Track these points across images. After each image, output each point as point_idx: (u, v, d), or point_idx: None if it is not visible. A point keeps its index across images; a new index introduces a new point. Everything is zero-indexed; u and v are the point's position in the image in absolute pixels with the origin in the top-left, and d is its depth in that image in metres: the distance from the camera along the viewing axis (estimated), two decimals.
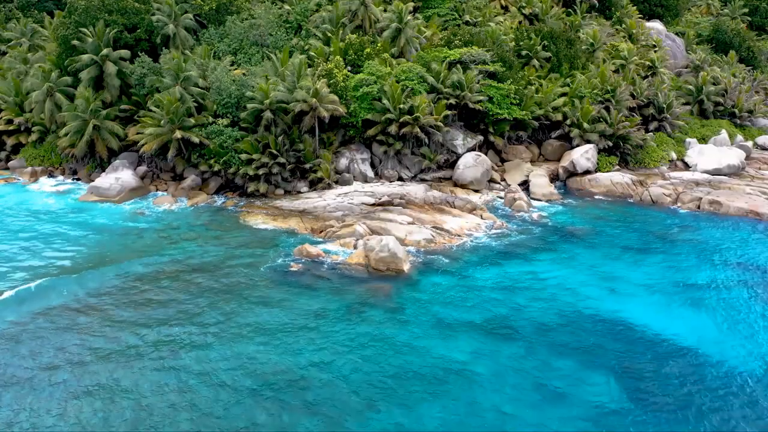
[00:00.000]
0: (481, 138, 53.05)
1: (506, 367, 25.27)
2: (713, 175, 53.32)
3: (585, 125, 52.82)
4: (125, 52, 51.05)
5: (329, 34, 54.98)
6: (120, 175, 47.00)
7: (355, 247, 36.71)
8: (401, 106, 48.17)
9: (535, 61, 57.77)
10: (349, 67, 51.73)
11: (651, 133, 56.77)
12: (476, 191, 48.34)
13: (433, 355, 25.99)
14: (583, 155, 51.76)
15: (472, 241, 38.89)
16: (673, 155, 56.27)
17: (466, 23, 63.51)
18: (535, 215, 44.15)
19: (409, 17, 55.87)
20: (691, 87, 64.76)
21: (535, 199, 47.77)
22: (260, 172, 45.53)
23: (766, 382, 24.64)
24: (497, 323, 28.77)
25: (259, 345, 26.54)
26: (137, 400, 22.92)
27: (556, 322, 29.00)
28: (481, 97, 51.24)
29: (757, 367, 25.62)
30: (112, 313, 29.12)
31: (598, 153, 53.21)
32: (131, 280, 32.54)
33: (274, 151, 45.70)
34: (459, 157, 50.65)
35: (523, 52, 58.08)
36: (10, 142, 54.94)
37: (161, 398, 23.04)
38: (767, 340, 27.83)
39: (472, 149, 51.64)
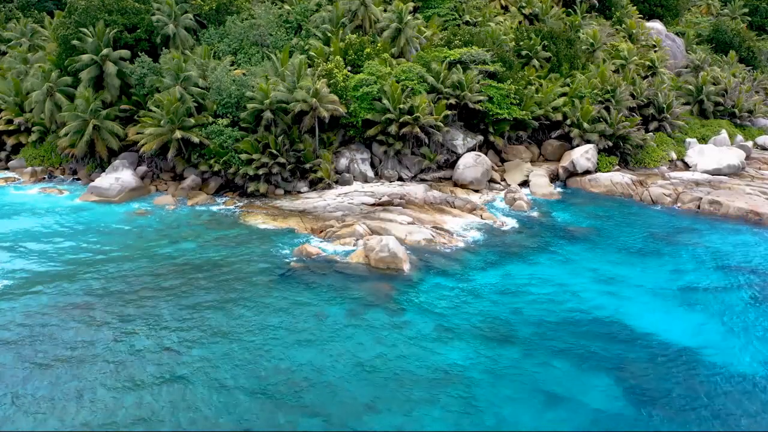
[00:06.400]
0: (481, 138, 53.08)
1: (506, 369, 25.24)
2: (713, 175, 53.34)
3: (585, 125, 52.84)
4: (125, 52, 51.04)
5: (329, 34, 54.99)
6: (120, 175, 46.98)
7: (355, 247, 36.74)
8: (401, 106, 48.18)
9: (535, 61, 57.81)
10: (349, 67, 51.74)
11: (651, 133, 56.81)
12: (476, 191, 48.36)
13: (433, 356, 25.96)
14: (583, 155, 51.78)
15: (472, 241, 38.89)
16: (673, 155, 56.29)
17: (466, 23, 63.57)
18: (535, 215, 44.18)
19: (409, 17, 55.89)
20: (691, 87, 64.78)
21: (535, 199, 47.80)
22: (260, 172, 45.54)
23: (765, 384, 24.62)
24: (497, 324, 28.75)
25: (258, 345, 26.53)
26: (135, 399, 22.90)
27: (556, 323, 28.98)
28: (481, 97, 51.26)
29: (757, 369, 25.61)
30: (109, 312, 29.10)
31: (598, 153, 53.24)
32: (131, 280, 32.52)
33: (274, 151, 45.71)
34: (459, 157, 50.69)
35: (523, 52, 58.11)
36: (10, 142, 54.94)
37: (159, 397, 23.02)
38: (767, 342, 27.86)
39: (472, 149, 51.68)
